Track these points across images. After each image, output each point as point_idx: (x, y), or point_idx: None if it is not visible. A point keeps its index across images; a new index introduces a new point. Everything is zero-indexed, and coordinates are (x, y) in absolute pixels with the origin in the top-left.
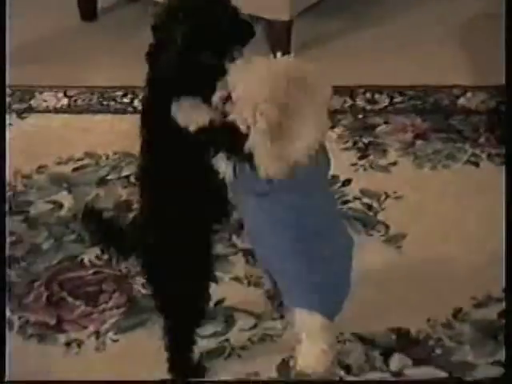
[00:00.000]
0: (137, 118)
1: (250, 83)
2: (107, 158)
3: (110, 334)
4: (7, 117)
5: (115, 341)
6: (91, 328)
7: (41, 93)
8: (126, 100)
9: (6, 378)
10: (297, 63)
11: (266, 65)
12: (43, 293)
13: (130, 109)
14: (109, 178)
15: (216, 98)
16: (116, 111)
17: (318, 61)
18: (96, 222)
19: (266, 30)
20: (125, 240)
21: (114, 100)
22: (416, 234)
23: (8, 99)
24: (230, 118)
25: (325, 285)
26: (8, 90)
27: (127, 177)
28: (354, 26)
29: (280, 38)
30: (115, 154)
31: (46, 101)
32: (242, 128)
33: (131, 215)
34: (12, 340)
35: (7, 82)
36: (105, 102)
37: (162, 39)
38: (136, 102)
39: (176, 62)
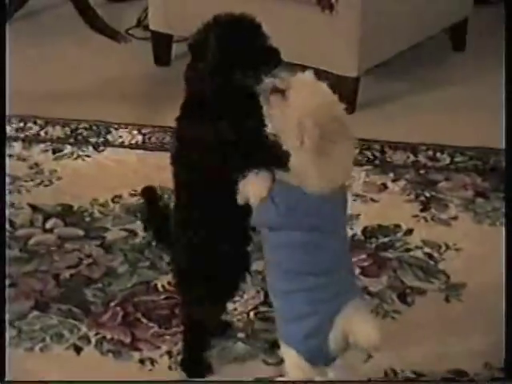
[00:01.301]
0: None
1: (302, 92)
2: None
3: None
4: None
5: None
6: (164, 348)
7: (116, 129)
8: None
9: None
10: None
11: (317, 82)
12: (119, 312)
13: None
14: None
15: (268, 85)
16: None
17: (382, 117)
18: (152, 203)
19: (333, 85)
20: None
21: None
22: (475, 285)
23: (86, 132)
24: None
25: (305, 323)
26: (85, 124)
27: None
28: (417, 87)
29: (347, 94)
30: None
31: (121, 137)
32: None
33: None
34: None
35: (90, 117)
36: None
37: (196, 59)
38: None
39: (207, 79)
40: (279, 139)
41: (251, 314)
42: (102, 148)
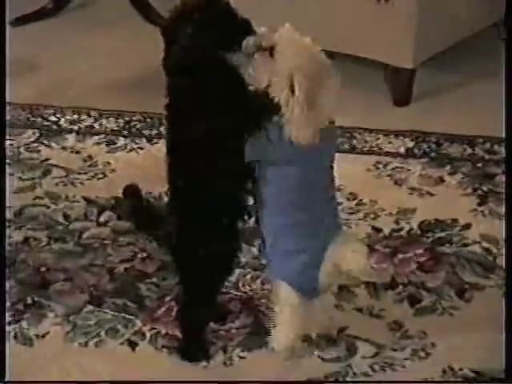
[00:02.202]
0: None
1: (289, 48)
2: None
3: (237, 351)
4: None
5: (242, 357)
6: (219, 344)
7: None
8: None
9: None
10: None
11: (301, 38)
12: (173, 307)
13: None
14: None
15: (252, 43)
16: None
17: (437, 109)
18: (134, 199)
19: (388, 76)
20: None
21: None
22: None
23: (139, 125)
24: (261, 81)
25: (296, 256)
26: (139, 117)
27: None
28: (472, 78)
29: (402, 85)
30: None
31: None
32: (276, 94)
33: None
34: (143, 349)
35: (143, 109)
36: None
37: (169, 43)
38: None
39: (187, 55)
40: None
41: None
42: (155, 140)
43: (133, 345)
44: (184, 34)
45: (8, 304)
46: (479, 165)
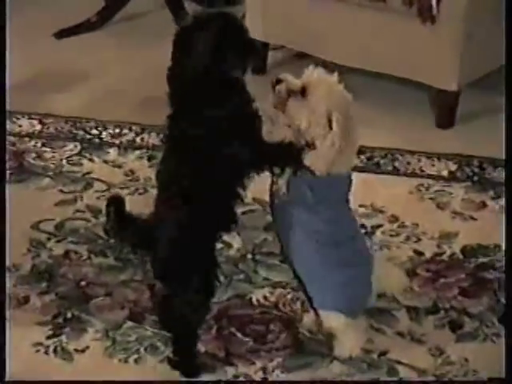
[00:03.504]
0: None
1: (321, 88)
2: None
3: (277, 372)
4: None
5: (282, 379)
6: (258, 364)
7: None
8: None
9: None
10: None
11: (329, 76)
12: (213, 326)
13: None
14: None
15: (283, 88)
16: None
17: (481, 132)
18: (117, 210)
19: (432, 98)
20: (138, 233)
21: None
22: None
23: None
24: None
25: (346, 286)
26: None
27: None
28: None
29: (446, 108)
30: None
31: None
32: (314, 133)
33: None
34: None
35: None
36: None
37: (181, 56)
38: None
39: (199, 73)
40: (302, 134)
41: None
42: None
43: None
44: (197, 49)
45: (48, 318)
46: None
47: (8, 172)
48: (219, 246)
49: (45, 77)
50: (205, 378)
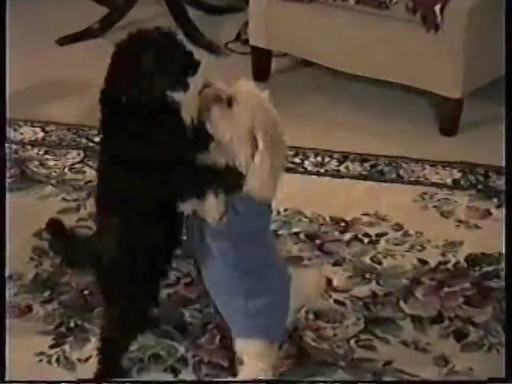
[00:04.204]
0: (306, 178)
1: (248, 100)
2: (278, 213)
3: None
4: None
5: None
6: None
7: None
8: (296, 160)
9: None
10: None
11: (258, 91)
12: (216, 335)
13: (300, 169)
14: (279, 232)
15: (209, 92)
16: (287, 170)
17: (485, 140)
18: (57, 233)
19: (436, 106)
20: (80, 252)
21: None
22: None
23: None
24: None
25: (263, 311)
26: None
27: (297, 234)
28: None
29: (450, 115)
30: (286, 210)
31: None
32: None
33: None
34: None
35: None
36: None
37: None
38: (306, 163)
39: (132, 92)
40: (224, 148)
41: (352, 341)
42: None
43: (176, 372)
44: (134, 70)
45: (51, 327)
46: None
47: (10, 180)
48: None
49: (47, 84)
50: None
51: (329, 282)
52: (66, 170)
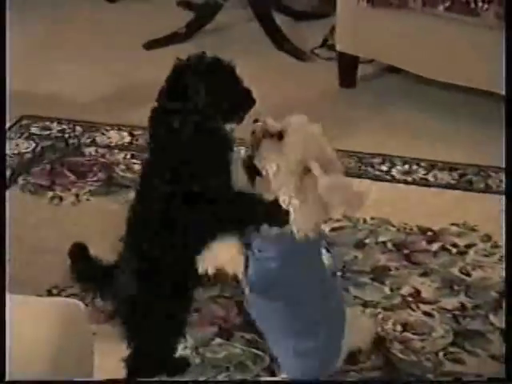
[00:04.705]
0: (395, 186)
1: (299, 135)
2: (365, 221)
3: None
4: None
5: None
6: None
7: None
8: (384, 168)
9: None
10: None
11: (310, 125)
12: None
13: (387, 177)
14: (366, 241)
15: (259, 127)
16: (374, 177)
17: None
18: (84, 260)
19: None
20: (107, 283)
21: (372, 166)
22: None
23: None
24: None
25: (312, 351)
26: None
27: (384, 243)
28: None
29: None
30: (372, 219)
31: None
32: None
33: None
34: None
35: None
36: (363, 168)
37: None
38: (394, 171)
39: (192, 127)
40: (272, 183)
41: (440, 354)
42: None
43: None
44: (187, 99)
45: None
46: None
47: (97, 184)
48: None
49: (133, 88)
50: None
51: (417, 292)
52: None
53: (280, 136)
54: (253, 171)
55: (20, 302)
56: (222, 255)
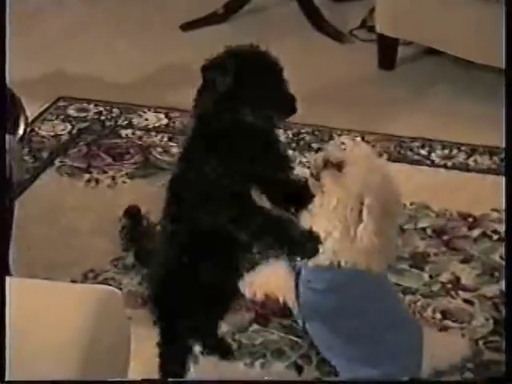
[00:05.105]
0: (435, 171)
1: (360, 165)
2: (404, 207)
3: None
4: None
5: None
6: None
7: (339, 135)
8: (423, 152)
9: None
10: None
11: (373, 155)
12: None
13: (427, 161)
14: (405, 227)
15: (321, 159)
16: (413, 162)
17: None
18: (133, 220)
19: None
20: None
21: (411, 150)
22: None
23: (308, 137)
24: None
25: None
26: (308, 129)
27: (424, 229)
28: None
29: None
30: (412, 204)
31: (343, 143)
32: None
33: None
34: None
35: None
36: (402, 152)
37: (207, 84)
38: (433, 156)
39: (213, 108)
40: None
41: (480, 342)
42: None
43: (299, 369)
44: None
45: None
46: None
47: (134, 166)
48: None
49: (171, 70)
50: None
51: (457, 279)
52: None
53: (340, 166)
54: (307, 198)
55: (63, 289)
56: (271, 280)
